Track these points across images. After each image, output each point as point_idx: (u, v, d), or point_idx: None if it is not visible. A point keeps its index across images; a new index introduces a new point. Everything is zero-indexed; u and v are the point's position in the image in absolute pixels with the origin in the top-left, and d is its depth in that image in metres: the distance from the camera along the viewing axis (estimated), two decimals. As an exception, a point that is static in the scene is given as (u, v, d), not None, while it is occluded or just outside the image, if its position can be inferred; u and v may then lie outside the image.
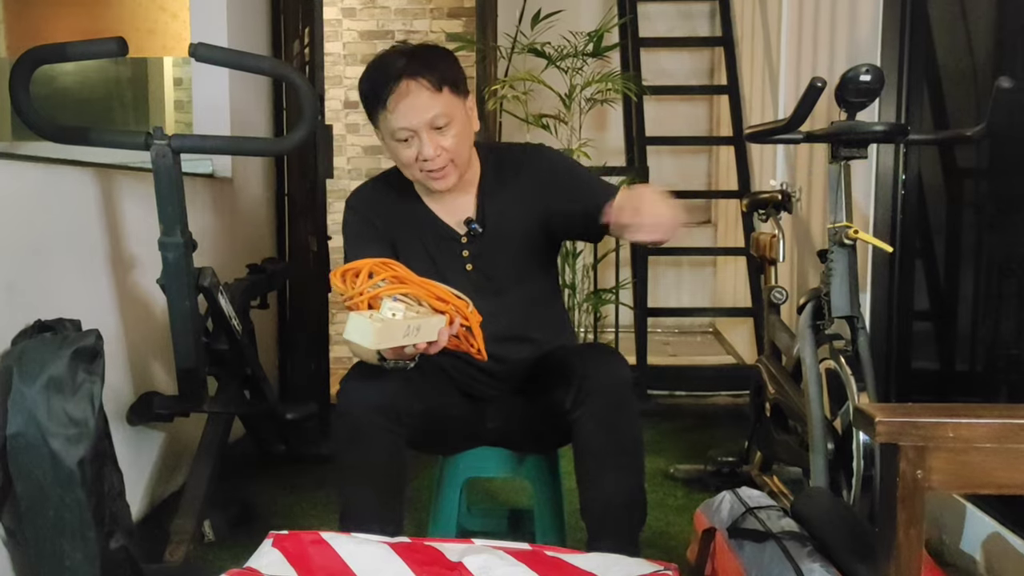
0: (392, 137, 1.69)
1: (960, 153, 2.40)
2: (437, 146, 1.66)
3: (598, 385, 1.59)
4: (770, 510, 1.68)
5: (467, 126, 1.72)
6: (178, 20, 3.14)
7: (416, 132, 1.66)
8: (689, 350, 4.84)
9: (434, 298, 1.49)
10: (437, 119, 1.65)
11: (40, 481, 1.69)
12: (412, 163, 1.69)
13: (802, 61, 3.38)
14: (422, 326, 1.43)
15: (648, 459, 2.90)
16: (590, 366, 1.62)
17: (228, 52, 2.14)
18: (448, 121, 1.66)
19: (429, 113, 1.64)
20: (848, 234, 2.03)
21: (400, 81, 1.64)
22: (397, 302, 1.42)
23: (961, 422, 1.05)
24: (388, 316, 1.40)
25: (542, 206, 1.76)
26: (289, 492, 2.68)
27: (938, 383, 2.50)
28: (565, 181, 1.76)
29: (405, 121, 1.65)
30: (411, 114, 1.64)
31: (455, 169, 1.71)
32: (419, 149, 1.66)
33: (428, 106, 1.64)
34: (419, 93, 1.64)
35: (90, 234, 2.18)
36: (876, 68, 2.00)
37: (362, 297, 1.42)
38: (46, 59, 1.94)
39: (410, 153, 1.68)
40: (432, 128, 1.66)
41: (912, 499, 1.03)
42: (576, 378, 1.61)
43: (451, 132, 1.67)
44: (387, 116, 1.67)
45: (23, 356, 1.73)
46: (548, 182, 1.77)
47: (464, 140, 1.70)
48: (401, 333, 1.39)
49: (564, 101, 3.67)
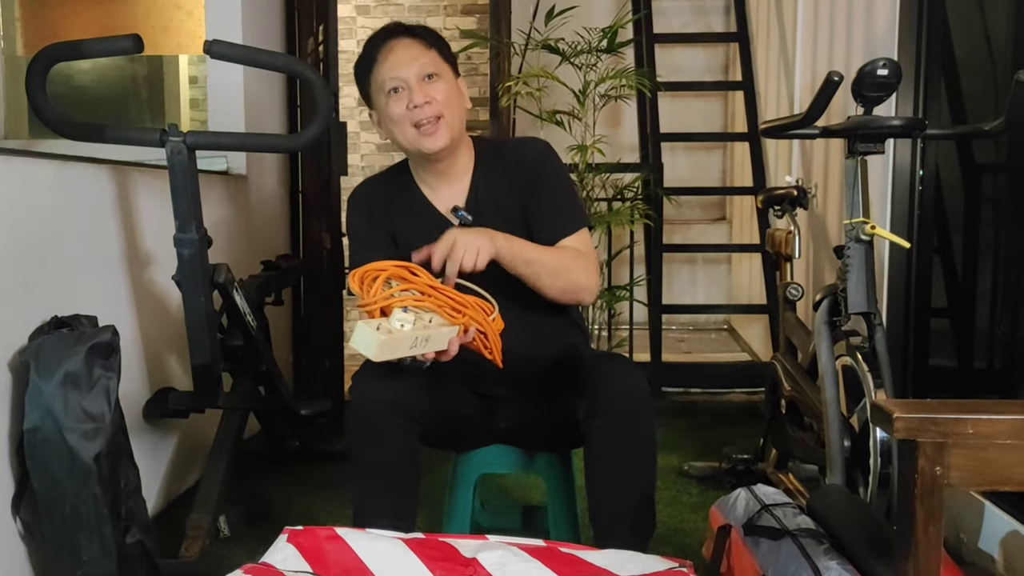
0: (383, 91, 1.71)
1: (978, 148, 2.38)
2: (427, 94, 1.69)
3: (613, 397, 1.57)
4: (786, 507, 1.66)
5: (457, 93, 1.75)
6: (193, 17, 3.15)
7: (406, 82, 1.69)
8: (704, 347, 4.82)
9: (450, 308, 1.48)
10: (426, 67, 1.70)
11: (57, 476, 1.71)
12: (403, 116, 1.70)
13: (818, 56, 3.36)
14: (431, 336, 1.43)
15: (663, 456, 2.91)
16: (606, 377, 1.60)
17: (242, 49, 2.15)
18: (437, 73, 1.71)
19: (418, 62, 1.70)
20: (865, 230, 2.01)
21: (391, 38, 1.72)
22: (408, 313, 1.42)
23: (981, 418, 1.03)
24: (396, 327, 1.40)
25: (525, 204, 1.76)
26: (304, 488, 2.68)
27: (956, 380, 2.48)
28: (543, 190, 1.76)
29: (394, 70, 1.70)
30: (401, 63, 1.70)
31: (446, 128, 1.71)
32: (409, 98, 1.69)
33: (417, 57, 1.70)
34: (409, 46, 1.71)
35: (106, 231, 2.19)
36: (893, 62, 1.98)
37: (375, 306, 1.42)
38: (62, 57, 1.96)
39: (400, 105, 1.70)
40: (421, 78, 1.69)
41: (931, 496, 1.02)
42: (590, 388, 1.59)
43: (440, 85, 1.70)
44: (378, 71, 1.72)
45: (40, 352, 1.74)
46: (532, 181, 1.76)
47: (454, 101, 1.73)
48: (407, 345, 1.40)
49: (578, 97, 3.66)
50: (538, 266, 1.65)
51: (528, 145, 1.83)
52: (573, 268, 1.69)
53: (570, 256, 1.71)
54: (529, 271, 1.64)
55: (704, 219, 5.30)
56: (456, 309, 1.50)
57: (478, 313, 1.53)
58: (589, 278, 1.72)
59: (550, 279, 1.67)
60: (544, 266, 1.66)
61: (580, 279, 1.70)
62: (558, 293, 1.70)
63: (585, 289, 1.72)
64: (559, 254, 1.70)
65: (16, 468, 1.76)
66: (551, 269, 1.67)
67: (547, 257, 1.68)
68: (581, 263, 1.71)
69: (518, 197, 1.77)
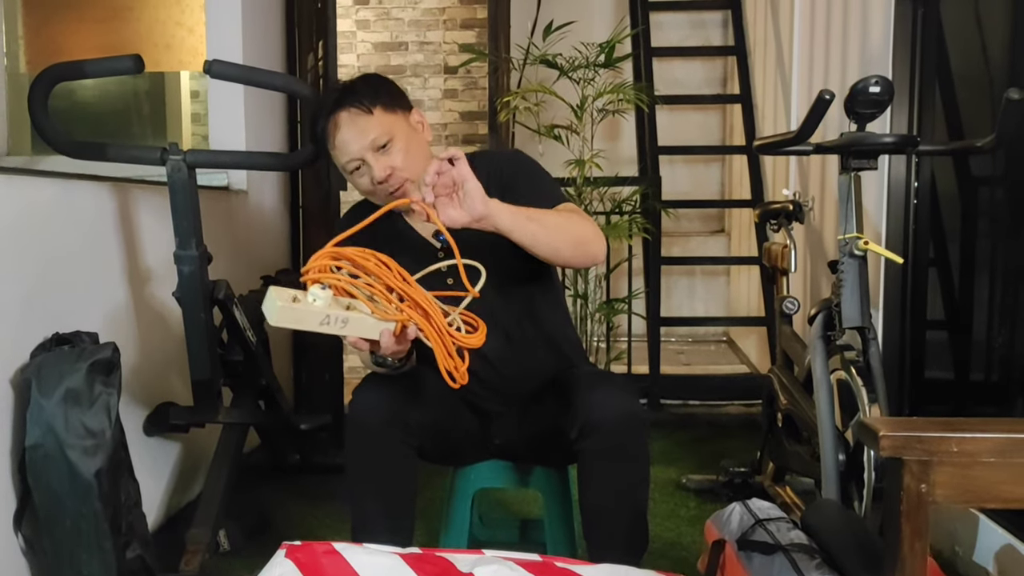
0: (346, 171, 1.72)
1: (974, 162, 2.40)
2: (386, 167, 1.67)
3: (605, 422, 1.57)
4: (779, 522, 1.68)
5: (415, 139, 1.73)
6: (194, 35, 3.18)
7: (362, 159, 1.68)
8: (703, 359, 4.83)
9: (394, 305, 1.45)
10: (377, 139, 1.67)
11: (58, 492, 1.72)
12: (371, 190, 1.71)
13: (814, 70, 3.38)
14: (351, 320, 1.42)
15: (660, 469, 2.93)
16: (598, 400, 1.59)
17: (242, 68, 2.18)
18: (389, 138, 1.68)
19: (367, 136, 1.67)
20: (859, 245, 2.03)
21: (332, 116, 1.69)
22: (325, 291, 1.41)
23: (965, 436, 1.05)
24: (308, 300, 1.41)
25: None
26: (304, 501, 2.70)
27: (952, 394, 2.49)
28: (518, 183, 1.74)
29: (347, 152, 1.69)
30: (350, 143, 1.68)
31: (413, 185, 1.70)
32: (370, 174, 1.68)
33: (363, 130, 1.67)
34: (351, 121, 1.68)
35: (107, 247, 2.21)
36: (885, 79, 2.01)
37: (305, 277, 1.44)
38: (65, 77, 1.98)
39: (365, 181, 1.70)
40: (375, 150, 1.68)
41: (916, 513, 1.04)
42: (583, 410, 1.59)
43: (396, 148, 1.68)
44: (333, 151, 1.72)
45: (41, 369, 1.76)
46: (508, 186, 1.73)
47: (414, 154, 1.71)
48: (316, 320, 1.40)
49: (576, 112, 3.69)
50: (541, 222, 1.58)
51: (498, 156, 1.84)
52: (575, 220, 1.65)
53: (566, 212, 1.68)
54: (534, 227, 1.56)
55: (703, 231, 5.32)
56: (402, 308, 1.45)
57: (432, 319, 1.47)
58: (594, 229, 1.67)
59: (557, 233, 1.61)
60: (547, 221, 1.60)
61: (587, 229, 1.65)
62: (571, 248, 1.63)
63: (594, 239, 1.66)
64: (557, 212, 1.66)
65: (18, 484, 1.77)
66: (555, 224, 1.61)
67: (548, 215, 1.62)
68: (579, 217, 1.68)
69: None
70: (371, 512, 1.66)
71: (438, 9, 5.42)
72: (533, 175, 1.78)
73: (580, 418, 1.59)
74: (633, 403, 1.63)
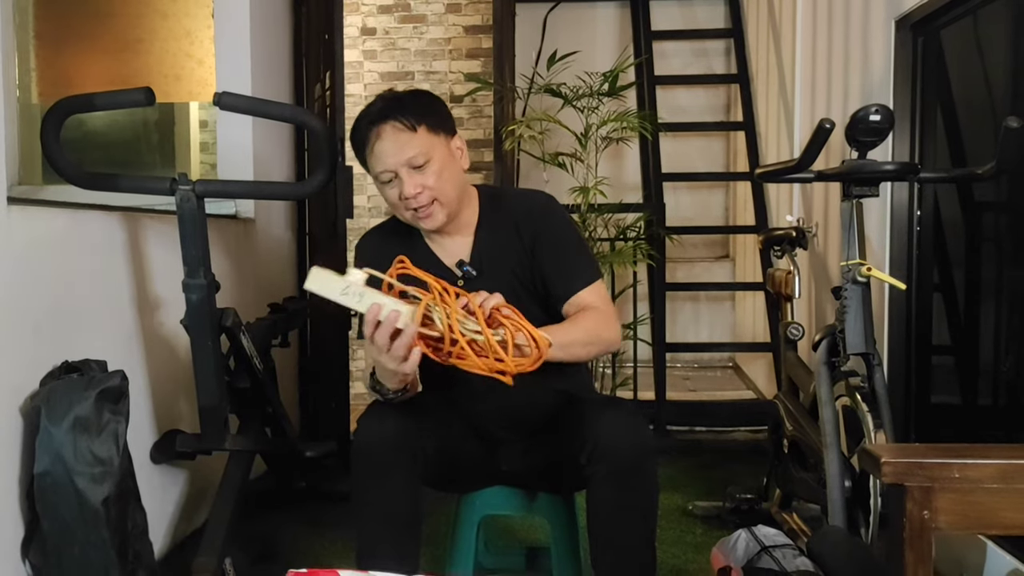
0: (378, 180, 1.74)
1: (978, 188, 2.41)
2: (417, 184, 1.69)
3: (614, 450, 1.58)
4: (785, 549, 1.68)
5: (451, 164, 1.75)
6: (204, 66, 3.22)
7: (396, 172, 1.70)
8: (709, 385, 4.83)
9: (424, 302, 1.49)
10: (415, 159, 1.69)
11: (66, 519, 1.73)
12: (398, 203, 1.73)
13: (816, 97, 3.41)
14: (365, 295, 1.48)
15: (667, 495, 2.92)
16: (607, 428, 1.60)
17: (250, 100, 2.21)
18: (427, 159, 1.70)
19: (405, 153, 1.69)
20: (862, 271, 2.04)
21: (376, 126, 1.71)
22: (361, 273, 1.50)
23: (967, 463, 1.05)
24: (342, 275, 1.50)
25: (531, 259, 1.78)
26: (309, 529, 2.70)
27: (959, 419, 2.49)
28: (544, 252, 1.77)
29: (383, 163, 1.71)
30: (388, 155, 1.70)
31: (441, 208, 1.73)
32: (400, 188, 1.71)
33: (404, 146, 1.69)
34: (394, 135, 1.69)
35: (116, 276, 2.24)
36: (886, 108, 2.03)
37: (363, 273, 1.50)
38: (76, 109, 2.02)
39: (394, 193, 1.72)
40: (411, 167, 1.69)
41: (919, 539, 1.04)
42: (592, 438, 1.60)
43: (431, 170, 1.70)
44: (369, 158, 1.74)
45: (50, 397, 1.78)
46: (538, 237, 1.77)
47: (449, 178, 1.73)
48: (338, 289, 1.49)
49: (580, 140, 3.72)
50: (573, 348, 1.65)
51: (531, 199, 1.85)
52: (600, 330, 1.71)
53: (592, 319, 1.72)
54: (566, 354, 1.63)
55: (708, 257, 5.33)
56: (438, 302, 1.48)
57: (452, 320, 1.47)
58: (614, 332, 1.75)
59: (584, 351, 1.71)
60: (577, 344, 1.67)
61: (608, 338, 1.73)
62: (592, 356, 1.75)
63: (613, 344, 1.76)
64: (584, 324, 1.71)
65: (26, 512, 1.78)
66: (584, 342, 1.68)
67: (577, 334, 1.68)
68: (603, 321, 1.73)
69: (524, 250, 1.78)
70: (377, 539, 1.66)
71: (444, 39, 5.48)
72: (568, 240, 1.80)
73: (590, 443, 1.60)
74: (643, 432, 1.64)
